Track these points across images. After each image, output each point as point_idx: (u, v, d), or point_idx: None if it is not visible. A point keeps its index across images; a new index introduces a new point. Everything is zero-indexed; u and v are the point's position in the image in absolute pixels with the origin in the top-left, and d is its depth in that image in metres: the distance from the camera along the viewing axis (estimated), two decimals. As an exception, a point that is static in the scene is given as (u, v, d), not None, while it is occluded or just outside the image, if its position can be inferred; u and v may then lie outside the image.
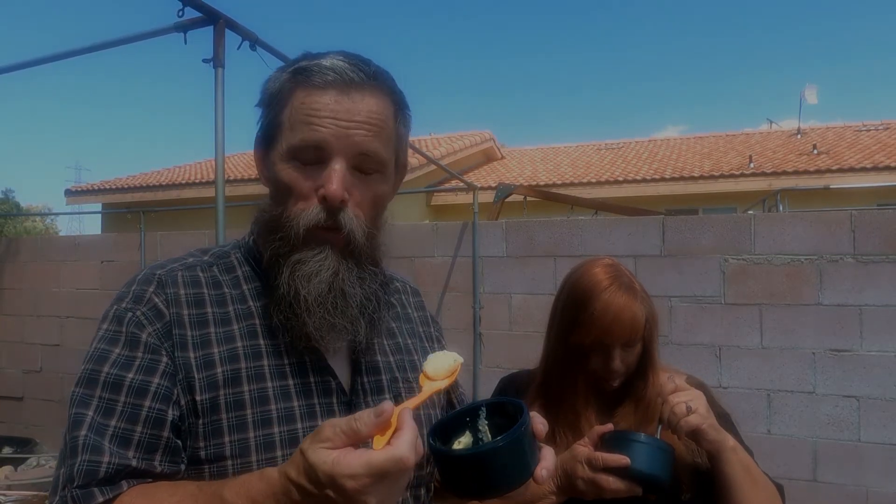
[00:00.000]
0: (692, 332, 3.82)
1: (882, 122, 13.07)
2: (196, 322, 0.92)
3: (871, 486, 3.50)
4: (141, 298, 0.92)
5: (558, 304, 1.45)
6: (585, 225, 4.27)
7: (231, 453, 0.87)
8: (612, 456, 1.20)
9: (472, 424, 0.97)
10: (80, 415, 0.86)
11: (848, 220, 3.58)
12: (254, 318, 0.96)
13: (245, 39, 2.41)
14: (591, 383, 1.40)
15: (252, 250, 1.02)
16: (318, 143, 0.90)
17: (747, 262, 3.76)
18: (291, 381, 0.93)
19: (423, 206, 11.83)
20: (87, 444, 0.83)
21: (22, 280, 5.90)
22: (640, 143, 14.95)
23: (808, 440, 3.61)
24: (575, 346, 1.37)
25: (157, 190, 11.37)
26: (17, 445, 5.16)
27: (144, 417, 0.86)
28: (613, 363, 1.35)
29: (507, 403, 0.97)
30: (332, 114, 0.90)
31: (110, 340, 0.90)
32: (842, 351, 3.57)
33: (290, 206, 0.93)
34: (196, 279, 0.97)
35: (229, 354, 0.91)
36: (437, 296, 4.57)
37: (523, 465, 0.88)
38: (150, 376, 0.88)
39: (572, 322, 1.37)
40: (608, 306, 1.32)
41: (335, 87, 0.91)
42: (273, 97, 0.96)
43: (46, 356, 5.69)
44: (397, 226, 3.48)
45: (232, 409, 0.88)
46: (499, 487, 0.89)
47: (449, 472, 0.92)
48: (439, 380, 0.90)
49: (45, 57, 2.78)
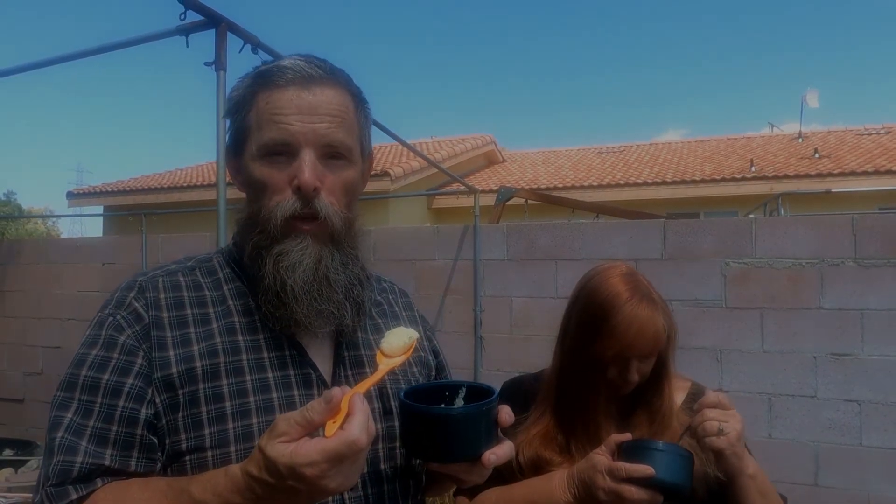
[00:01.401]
0: (693, 336, 3.82)
1: (883, 125, 13.07)
2: (176, 323, 0.97)
3: (872, 491, 3.48)
4: (122, 303, 0.98)
5: (573, 312, 1.42)
6: (586, 228, 4.27)
7: (211, 444, 0.91)
8: (635, 466, 1.17)
9: (449, 400, 0.99)
10: (58, 417, 0.91)
11: (849, 224, 3.58)
12: (233, 315, 1.00)
13: (247, 43, 2.42)
14: (605, 392, 1.39)
15: (233, 253, 1.06)
16: (286, 138, 0.95)
17: (748, 266, 3.75)
18: (270, 374, 0.96)
19: (424, 209, 11.84)
20: (63, 445, 0.88)
21: (23, 282, 5.91)
22: (642, 146, 14.96)
23: (809, 444, 3.60)
24: (594, 358, 1.35)
25: (158, 192, 11.38)
26: (17, 448, 5.15)
27: (119, 416, 0.90)
28: (630, 374, 1.34)
29: (489, 390, 0.99)
30: (296, 109, 0.95)
31: (90, 344, 0.96)
32: (843, 355, 3.56)
33: (266, 201, 0.97)
34: (176, 283, 1.02)
35: (208, 350, 0.95)
36: (439, 299, 4.56)
37: (474, 441, 0.90)
38: (125, 377, 0.92)
39: (592, 334, 1.34)
40: (632, 320, 1.29)
41: (295, 83, 0.96)
42: (238, 104, 1.00)
43: (47, 358, 5.69)
44: (399, 229, 3.52)
45: (211, 402, 0.92)
46: (443, 454, 0.92)
47: (404, 427, 0.96)
48: (395, 357, 0.93)
49: (47, 60, 2.78)
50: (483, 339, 4.44)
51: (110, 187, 12.44)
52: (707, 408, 1.25)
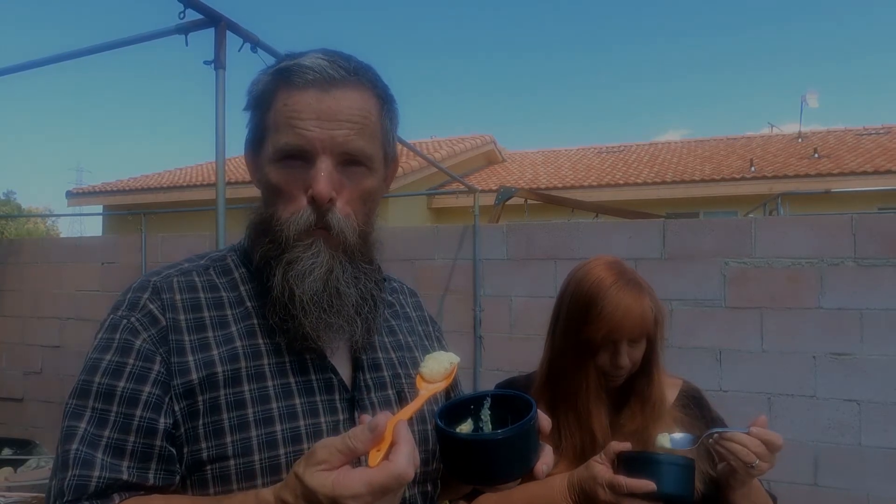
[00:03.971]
0: (693, 336, 3.82)
1: (883, 125, 13.08)
2: (193, 326, 0.92)
3: (871, 491, 3.48)
4: (136, 305, 0.92)
5: (562, 302, 1.45)
6: (586, 228, 4.27)
7: (233, 453, 0.87)
8: (637, 482, 1.18)
9: (475, 413, 0.98)
10: (72, 427, 0.86)
11: (849, 224, 3.58)
12: (252, 318, 0.95)
13: (246, 41, 2.41)
14: (596, 379, 1.40)
15: (247, 252, 1.01)
16: (302, 144, 0.90)
17: (748, 266, 3.75)
18: (293, 379, 0.93)
19: (424, 209, 11.84)
20: (79, 458, 0.83)
21: (23, 281, 5.91)
22: (642, 146, 14.97)
23: (808, 444, 3.60)
24: (583, 343, 1.37)
25: (158, 192, 11.38)
26: (16, 447, 5.15)
27: (136, 427, 0.86)
28: (620, 358, 1.35)
29: (515, 397, 0.97)
30: (314, 113, 0.90)
31: (103, 349, 0.90)
32: (843, 355, 3.56)
33: (279, 208, 0.93)
34: (192, 284, 0.96)
35: (229, 355, 0.91)
36: (438, 298, 4.56)
37: (526, 458, 0.89)
38: (142, 385, 0.87)
39: (580, 320, 1.37)
40: (618, 302, 1.32)
41: (316, 85, 0.90)
42: (258, 100, 0.96)
43: (47, 357, 5.68)
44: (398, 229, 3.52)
45: (233, 409, 0.88)
46: (499, 476, 0.90)
47: (453, 456, 0.93)
48: (436, 382, 0.90)
49: (46, 58, 2.78)
50: (482, 338, 4.44)
51: (110, 187, 12.44)
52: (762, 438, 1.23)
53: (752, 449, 1.22)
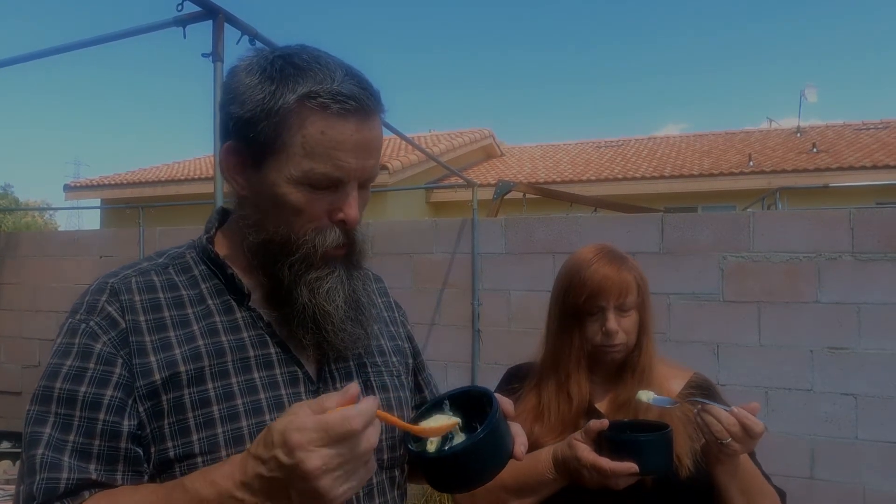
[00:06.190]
0: (690, 330, 3.83)
1: (882, 120, 13.07)
2: (154, 327, 0.92)
3: (868, 484, 3.50)
4: (94, 308, 0.92)
5: (555, 286, 1.51)
6: (584, 222, 4.27)
7: (200, 450, 0.88)
8: (619, 465, 1.21)
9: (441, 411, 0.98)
10: (36, 433, 0.86)
11: (847, 219, 3.59)
12: (213, 316, 0.96)
13: (244, 34, 2.40)
14: (590, 353, 1.43)
15: (207, 250, 1.00)
16: (340, 175, 0.91)
17: (746, 260, 3.76)
18: (257, 375, 0.94)
19: (422, 202, 11.83)
20: (45, 462, 0.84)
21: (20, 275, 5.90)
22: (640, 140, 14.95)
23: (805, 438, 3.62)
24: (568, 310, 1.43)
25: (155, 185, 11.35)
26: (15, 440, 5.15)
27: (101, 430, 0.86)
28: (609, 323, 1.38)
29: (470, 390, 0.99)
30: (353, 146, 0.90)
31: (63, 353, 0.90)
32: (840, 349, 3.57)
33: (300, 227, 0.93)
34: (151, 284, 0.96)
35: (191, 354, 0.91)
36: (437, 292, 4.57)
37: (503, 449, 0.91)
38: (103, 388, 0.87)
39: (566, 290, 1.44)
40: (598, 268, 1.40)
41: (355, 116, 0.90)
42: (266, 112, 0.89)
43: (45, 351, 5.68)
44: (397, 223, 3.52)
45: (198, 407, 0.89)
46: (483, 476, 0.91)
47: (434, 473, 0.94)
48: (427, 432, 0.92)
49: (43, 51, 2.76)
50: (481, 332, 4.44)
51: (108, 180, 12.41)
52: (743, 418, 1.24)
53: (726, 426, 1.22)
